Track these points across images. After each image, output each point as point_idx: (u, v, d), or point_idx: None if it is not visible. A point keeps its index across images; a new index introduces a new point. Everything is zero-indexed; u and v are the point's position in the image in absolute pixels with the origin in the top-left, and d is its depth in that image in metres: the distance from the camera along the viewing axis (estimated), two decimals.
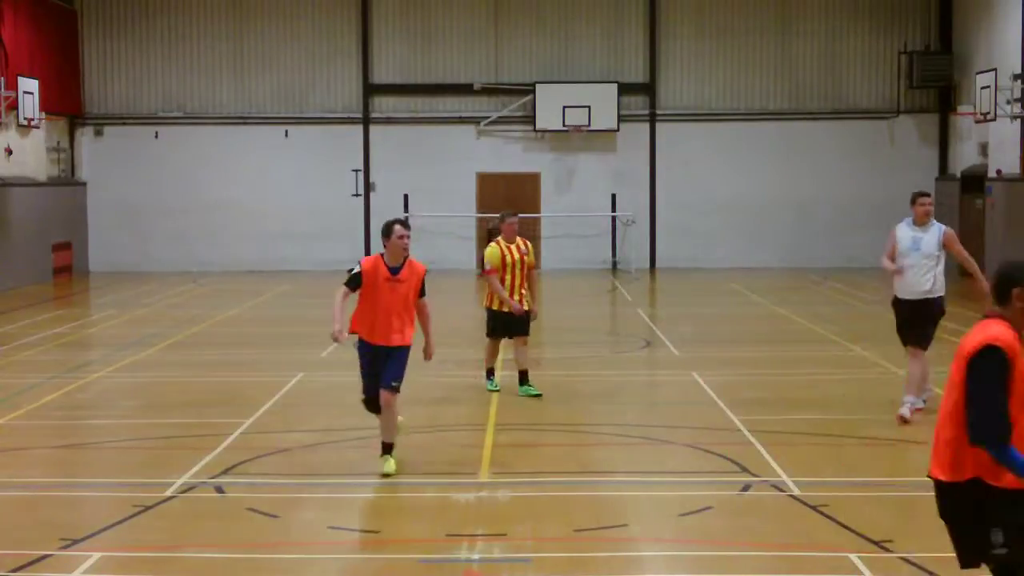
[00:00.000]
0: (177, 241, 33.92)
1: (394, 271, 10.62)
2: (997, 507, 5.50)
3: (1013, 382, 5.43)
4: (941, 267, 12.99)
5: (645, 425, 13.13)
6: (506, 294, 14.34)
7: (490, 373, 14.91)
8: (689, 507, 9.51)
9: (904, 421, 12.58)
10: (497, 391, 14.63)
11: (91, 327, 22.76)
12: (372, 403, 10.85)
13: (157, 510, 9.52)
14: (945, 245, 12.96)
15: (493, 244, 14.54)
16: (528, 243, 14.70)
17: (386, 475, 10.54)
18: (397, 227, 10.73)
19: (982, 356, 5.48)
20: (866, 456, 11.52)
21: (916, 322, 12.97)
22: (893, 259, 13.09)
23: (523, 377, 14.57)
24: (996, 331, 5.52)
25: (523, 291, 14.47)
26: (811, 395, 14.62)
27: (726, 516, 9.34)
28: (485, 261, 14.39)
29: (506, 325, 14.50)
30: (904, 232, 13.08)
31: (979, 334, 5.57)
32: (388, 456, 10.73)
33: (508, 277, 14.38)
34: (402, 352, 10.68)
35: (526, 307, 14.42)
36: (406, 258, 10.77)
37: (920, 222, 13.07)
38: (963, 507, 5.63)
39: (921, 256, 12.90)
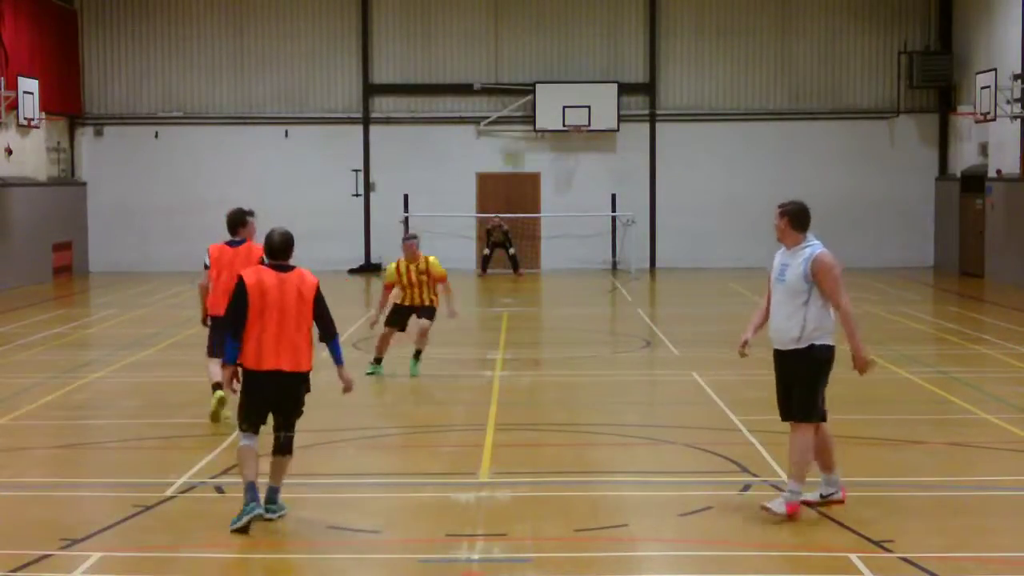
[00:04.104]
0: (177, 241, 33.88)
1: None
2: None
3: None
4: (817, 305, 9.16)
5: (645, 425, 13.13)
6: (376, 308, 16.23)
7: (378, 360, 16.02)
8: (689, 507, 9.50)
9: (776, 513, 9.10)
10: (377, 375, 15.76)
11: (91, 327, 22.76)
12: None
13: (157, 510, 9.52)
14: (813, 277, 9.10)
15: (392, 264, 16.05)
16: (430, 259, 15.84)
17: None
18: None
19: None
20: (867, 456, 11.51)
21: (783, 382, 9.33)
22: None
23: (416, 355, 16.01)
24: None
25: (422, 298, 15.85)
26: None
27: (726, 516, 9.33)
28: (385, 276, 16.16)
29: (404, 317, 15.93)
30: (776, 257, 9.38)
31: None
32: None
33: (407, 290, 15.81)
34: None
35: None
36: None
37: (784, 242, 9.30)
38: None
39: (786, 290, 9.21)
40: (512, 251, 32.82)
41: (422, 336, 15.76)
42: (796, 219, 9.21)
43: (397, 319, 15.85)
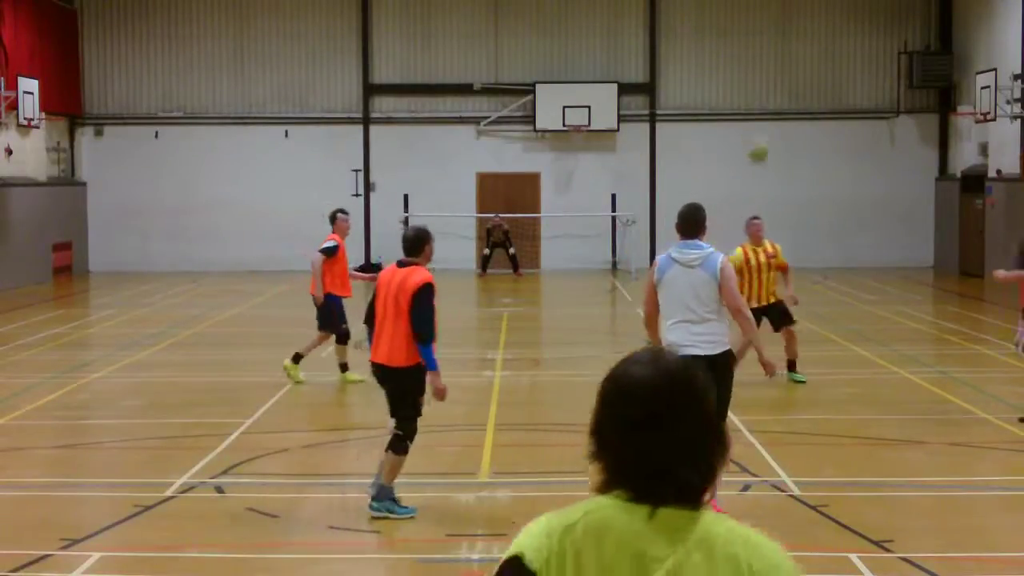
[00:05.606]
0: (177, 241, 33.91)
1: None
2: None
3: None
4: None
5: None
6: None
7: None
8: None
9: None
10: None
11: (91, 327, 22.76)
12: None
13: (157, 510, 9.52)
14: None
15: (739, 248, 14.50)
16: (776, 245, 14.83)
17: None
18: None
19: None
20: (866, 456, 11.52)
21: None
22: None
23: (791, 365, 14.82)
24: None
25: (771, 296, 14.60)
26: (811, 395, 14.62)
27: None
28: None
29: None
30: None
31: None
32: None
33: (748, 283, 14.32)
34: None
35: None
36: None
37: None
38: None
39: None
40: (512, 251, 32.82)
41: (793, 342, 14.66)
42: (677, 223, 9.36)
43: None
